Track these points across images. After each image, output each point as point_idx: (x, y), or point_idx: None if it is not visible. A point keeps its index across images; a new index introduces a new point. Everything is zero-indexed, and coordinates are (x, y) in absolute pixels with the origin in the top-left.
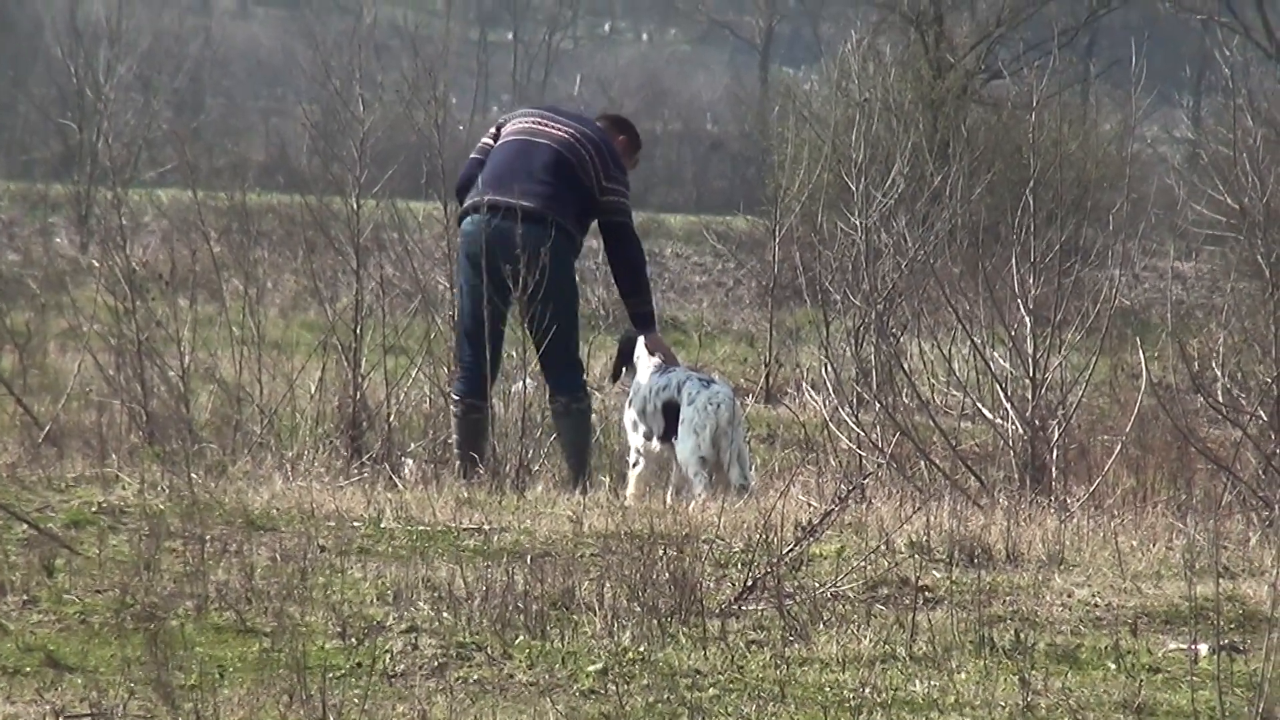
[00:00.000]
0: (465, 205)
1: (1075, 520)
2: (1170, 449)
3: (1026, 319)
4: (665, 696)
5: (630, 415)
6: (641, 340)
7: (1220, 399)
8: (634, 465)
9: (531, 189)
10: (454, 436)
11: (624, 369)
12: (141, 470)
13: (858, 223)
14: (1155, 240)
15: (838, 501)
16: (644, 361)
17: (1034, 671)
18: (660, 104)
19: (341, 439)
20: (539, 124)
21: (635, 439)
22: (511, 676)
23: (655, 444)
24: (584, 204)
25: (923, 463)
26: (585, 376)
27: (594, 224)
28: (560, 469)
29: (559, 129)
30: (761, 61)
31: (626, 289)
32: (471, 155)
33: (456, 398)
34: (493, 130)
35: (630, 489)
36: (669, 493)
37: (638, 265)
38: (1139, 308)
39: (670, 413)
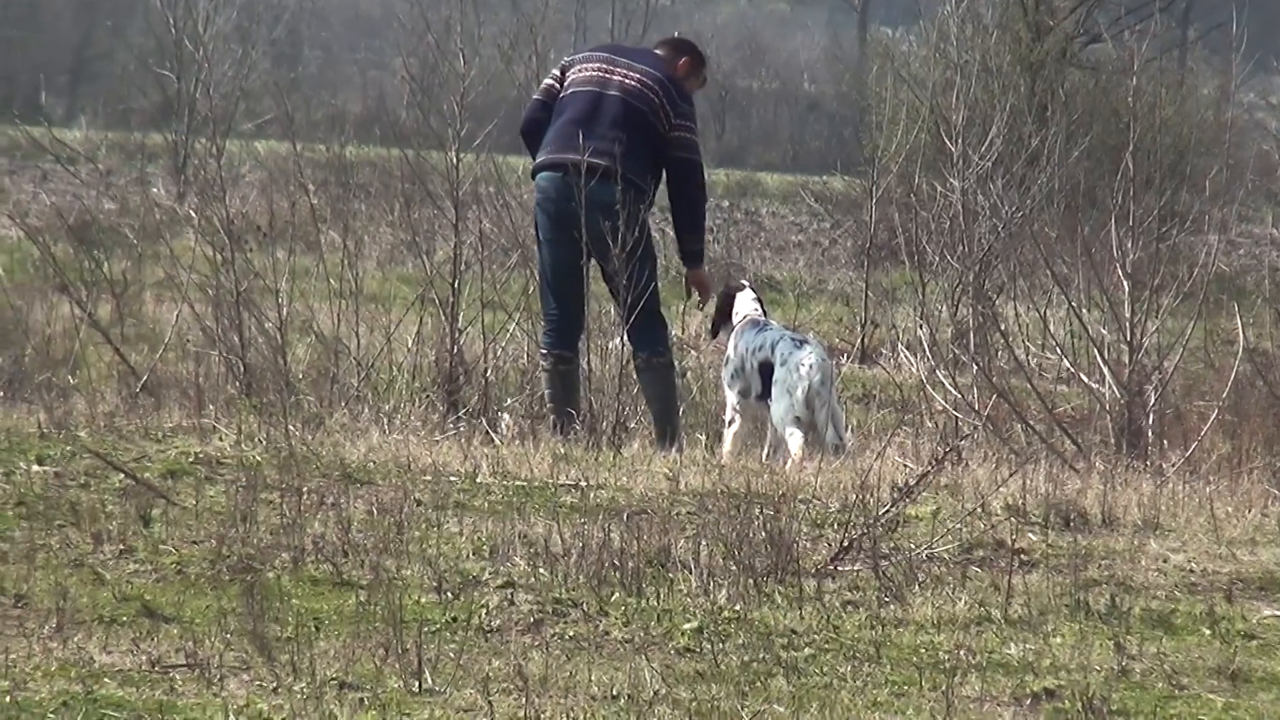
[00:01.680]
0: (540, 160)
1: (1170, 485)
2: (1266, 415)
3: (1124, 283)
4: (760, 656)
5: (727, 373)
6: (739, 296)
7: None
8: (730, 423)
9: (609, 147)
10: (545, 390)
11: (722, 326)
12: (238, 421)
13: (955, 184)
14: (1252, 206)
15: (934, 463)
16: (739, 317)
17: (1129, 636)
18: (757, 63)
19: (438, 393)
20: (607, 72)
21: (732, 397)
22: (607, 634)
23: (752, 402)
24: (656, 151)
25: (1019, 425)
26: (670, 331)
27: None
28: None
29: (626, 75)
30: (860, 21)
31: (683, 225)
32: (535, 97)
33: (544, 350)
34: (556, 72)
35: (726, 446)
36: (765, 451)
37: (697, 202)
38: (1235, 273)
39: (766, 372)
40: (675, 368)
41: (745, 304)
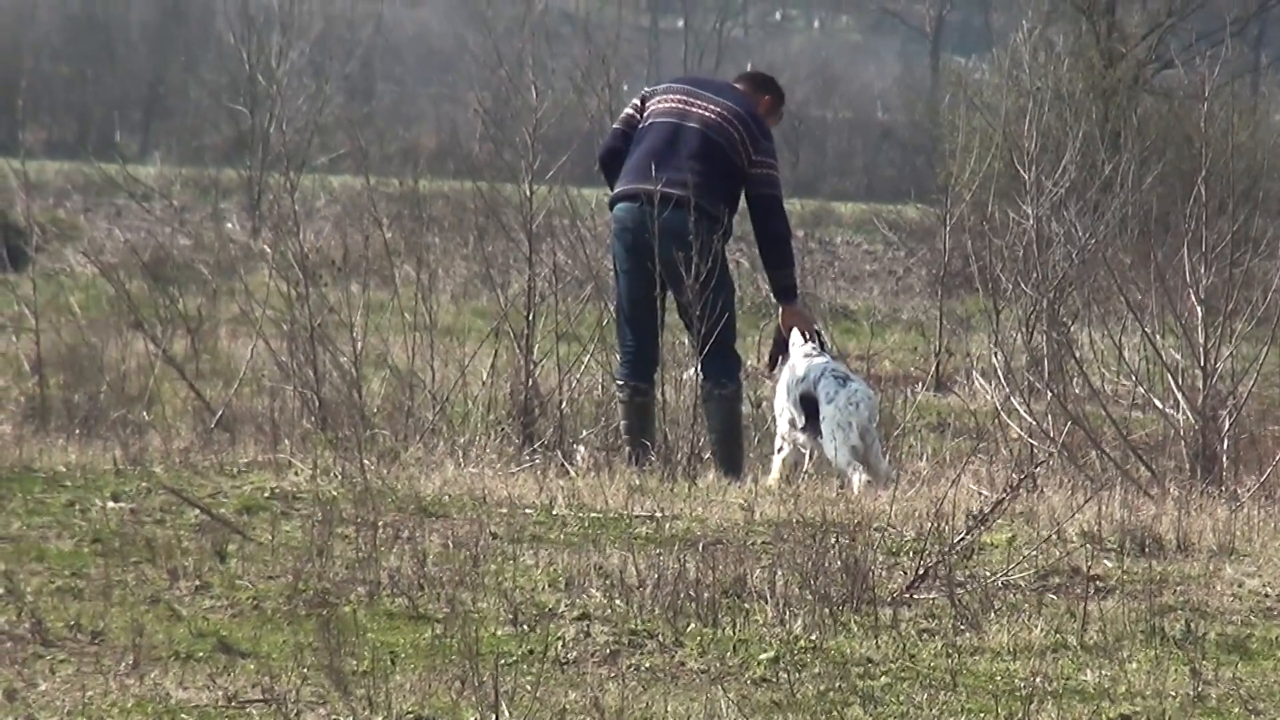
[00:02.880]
0: (618, 191)
1: (1246, 510)
2: None
3: (1197, 308)
4: (837, 685)
5: (780, 402)
6: (794, 334)
7: None
8: (779, 450)
9: (684, 177)
10: (621, 422)
11: (780, 358)
12: (314, 456)
13: (1029, 211)
14: None
15: (1009, 490)
16: (796, 349)
17: (1205, 661)
18: (831, 92)
19: (513, 425)
20: (687, 104)
21: (782, 425)
22: (683, 664)
23: (799, 433)
24: (734, 184)
25: (1094, 452)
26: (741, 366)
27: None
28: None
29: (706, 108)
30: (932, 50)
31: (771, 260)
32: (615, 126)
33: (620, 382)
34: (636, 102)
35: (774, 474)
36: (801, 475)
37: (783, 237)
38: None
39: (808, 405)
40: (743, 399)
41: (800, 338)
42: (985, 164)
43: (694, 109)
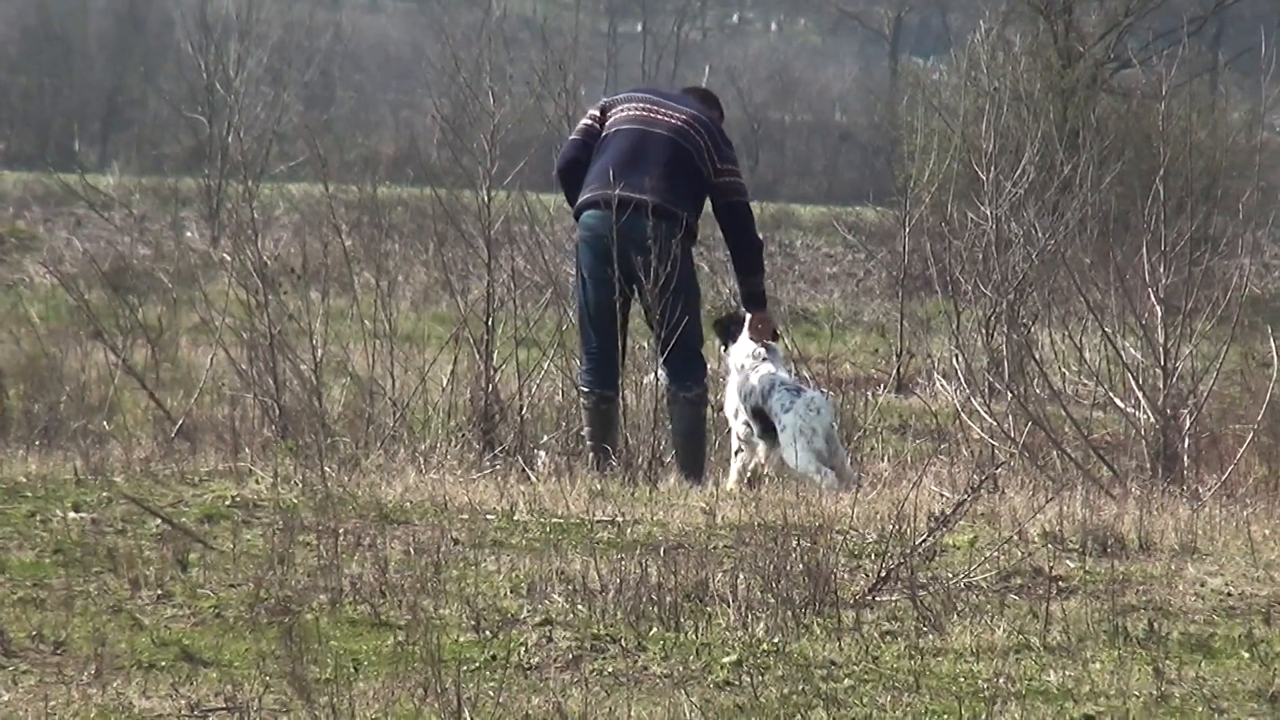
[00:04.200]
0: (585, 198)
1: (1207, 509)
2: None
3: (1157, 308)
4: (800, 688)
5: (732, 403)
6: (747, 325)
7: None
8: (736, 453)
9: (655, 183)
10: (585, 428)
11: (729, 338)
12: (274, 464)
13: (988, 212)
14: None
15: (970, 491)
16: (741, 346)
17: (1168, 661)
18: (789, 95)
19: (474, 431)
20: (651, 111)
21: (736, 425)
22: (646, 669)
23: (757, 439)
24: (700, 191)
25: (1055, 452)
26: (705, 369)
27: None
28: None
29: (672, 116)
30: (890, 52)
31: (744, 266)
32: (573, 137)
33: (585, 388)
34: (595, 113)
35: (732, 476)
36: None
37: (755, 244)
38: (1270, 296)
39: (759, 416)
40: (707, 403)
41: (747, 338)
42: (944, 165)
43: (660, 116)
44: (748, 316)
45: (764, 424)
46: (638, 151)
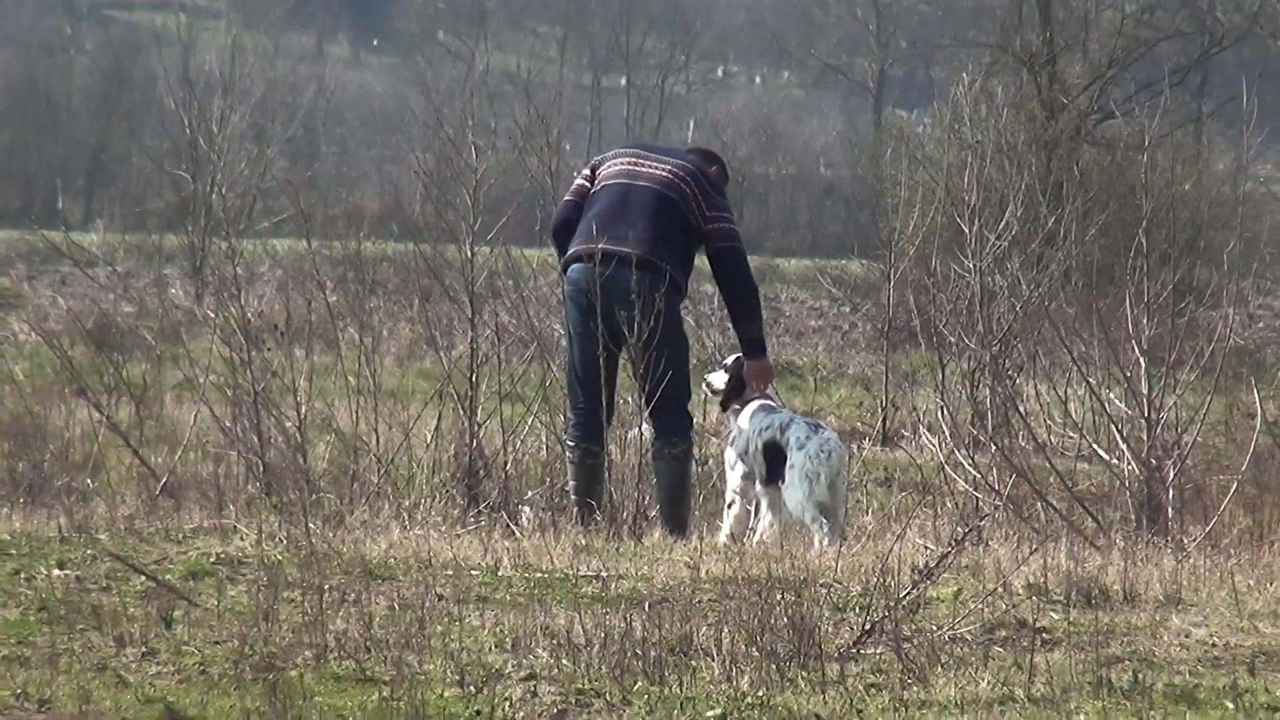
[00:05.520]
0: (571, 253)
1: (1192, 560)
2: None
3: (1141, 359)
4: None
5: (731, 455)
6: (745, 373)
7: None
8: (729, 505)
9: (638, 235)
10: (570, 483)
11: (735, 399)
12: (259, 521)
13: (972, 265)
14: (1270, 279)
15: (954, 544)
16: (755, 399)
17: (1152, 712)
18: (774, 148)
19: (458, 487)
20: (637, 164)
21: (733, 479)
22: None
23: (756, 486)
24: (688, 242)
25: (1039, 504)
26: (692, 424)
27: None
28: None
29: (656, 167)
30: (874, 104)
31: (740, 313)
32: (566, 197)
33: (571, 444)
34: (586, 171)
35: (725, 529)
36: (761, 533)
37: (751, 289)
38: (1254, 347)
39: (771, 453)
40: (692, 458)
41: (757, 388)
42: (928, 218)
43: (644, 169)
44: (751, 384)
45: (771, 468)
46: (622, 205)
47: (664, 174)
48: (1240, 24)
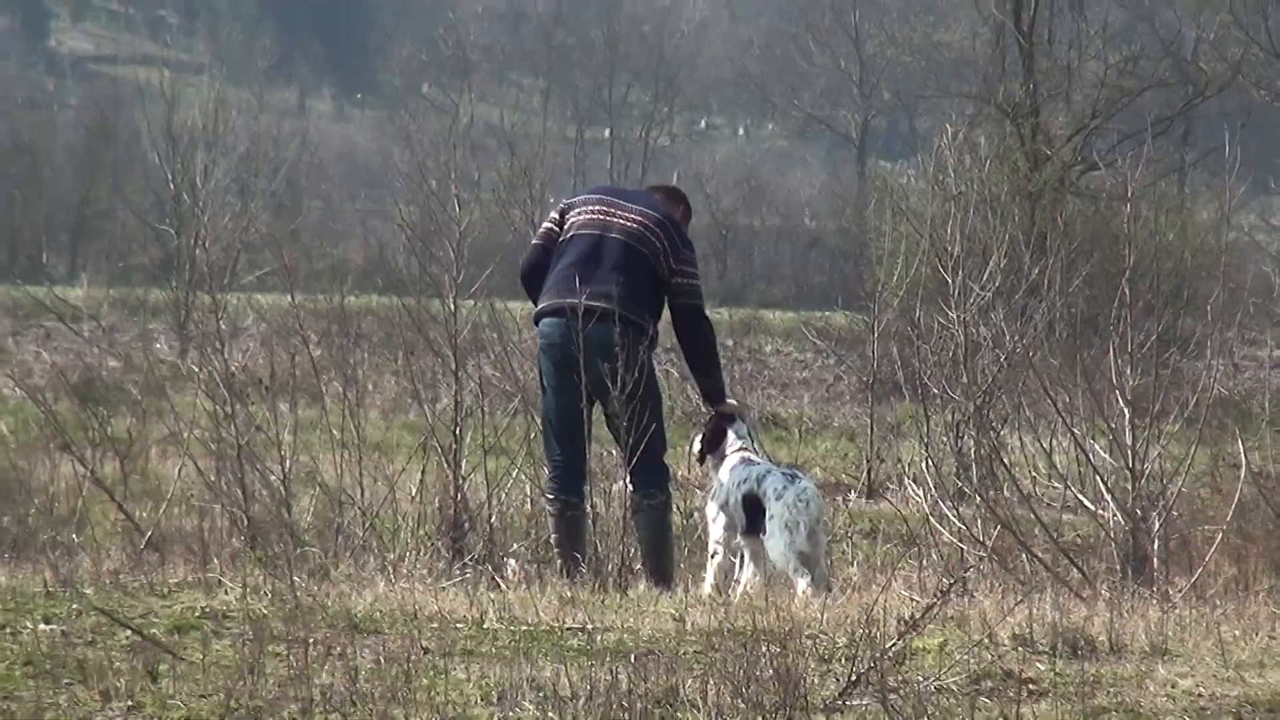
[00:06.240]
0: (542, 307)
1: (1178, 610)
2: (1271, 538)
3: (1125, 410)
4: None
5: (712, 508)
6: (730, 432)
7: None
8: (712, 556)
9: (608, 289)
10: (552, 535)
11: (711, 453)
12: (244, 575)
13: (956, 316)
14: (1254, 329)
15: (940, 595)
16: (732, 450)
17: None
18: (758, 200)
19: (443, 540)
20: (608, 214)
21: (715, 530)
22: None
23: (738, 538)
24: (657, 294)
25: (1024, 555)
26: (670, 477)
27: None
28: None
29: (628, 218)
30: (858, 156)
31: (700, 367)
32: (534, 241)
33: (551, 496)
34: (555, 215)
35: (708, 580)
36: (745, 584)
37: (710, 343)
38: (1238, 397)
39: (750, 505)
40: (672, 510)
41: (736, 437)
42: (912, 269)
43: (615, 219)
44: (729, 435)
45: (751, 520)
46: (594, 257)
47: (634, 226)
48: (1223, 74)
